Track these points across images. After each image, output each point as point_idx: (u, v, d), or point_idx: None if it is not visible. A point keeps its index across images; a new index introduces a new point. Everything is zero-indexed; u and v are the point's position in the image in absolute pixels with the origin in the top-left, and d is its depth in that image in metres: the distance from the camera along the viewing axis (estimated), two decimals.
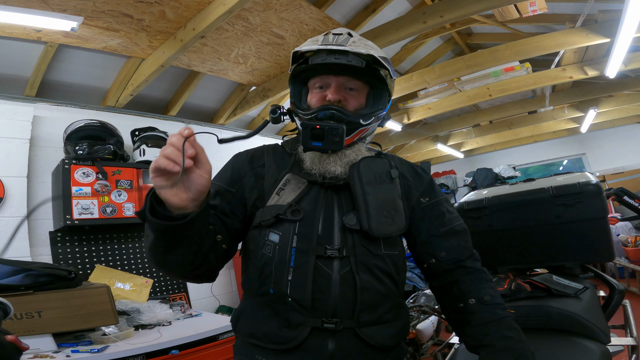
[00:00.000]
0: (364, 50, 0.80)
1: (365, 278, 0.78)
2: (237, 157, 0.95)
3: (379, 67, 0.85)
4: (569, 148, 6.72)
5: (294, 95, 0.92)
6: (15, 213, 2.22)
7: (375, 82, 0.88)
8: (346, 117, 0.82)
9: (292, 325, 0.77)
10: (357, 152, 0.88)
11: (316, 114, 0.83)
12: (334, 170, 0.84)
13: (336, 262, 0.78)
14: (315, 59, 0.84)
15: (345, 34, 0.85)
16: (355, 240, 0.80)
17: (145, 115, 3.03)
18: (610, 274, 4.34)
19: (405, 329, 0.87)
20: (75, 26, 1.94)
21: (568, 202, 1.38)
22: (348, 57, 0.81)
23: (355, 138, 0.87)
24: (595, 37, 2.86)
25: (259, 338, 0.80)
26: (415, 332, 2.57)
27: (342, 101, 0.85)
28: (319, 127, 0.79)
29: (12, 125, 2.28)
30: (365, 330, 0.77)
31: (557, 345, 1.05)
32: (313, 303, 0.76)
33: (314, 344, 0.75)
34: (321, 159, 0.85)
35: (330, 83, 0.85)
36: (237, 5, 1.96)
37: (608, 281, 1.43)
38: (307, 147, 0.82)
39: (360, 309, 0.77)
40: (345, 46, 0.81)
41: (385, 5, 3.22)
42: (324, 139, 0.79)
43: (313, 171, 0.85)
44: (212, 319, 2.33)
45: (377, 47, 0.88)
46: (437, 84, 3.96)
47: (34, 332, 1.61)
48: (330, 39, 0.84)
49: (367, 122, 0.86)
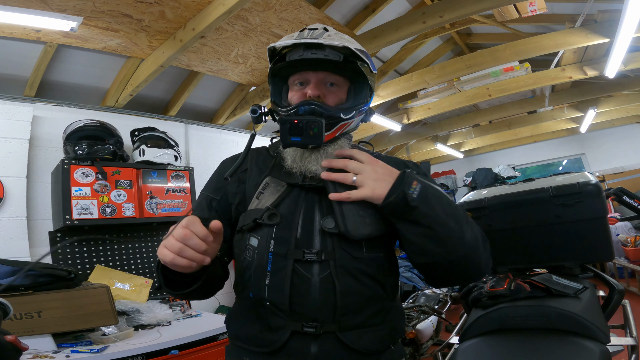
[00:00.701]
0: (338, 43, 0.78)
1: (345, 282, 0.76)
2: (223, 164, 0.95)
3: (357, 60, 0.83)
4: (568, 148, 6.72)
5: (274, 94, 0.90)
6: (14, 213, 2.22)
7: (355, 77, 0.87)
8: (326, 111, 0.81)
9: (273, 329, 0.77)
10: (340, 149, 0.86)
11: (296, 110, 0.82)
12: (315, 169, 0.82)
13: (316, 265, 0.76)
14: (292, 55, 0.82)
15: (321, 28, 0.83)
16: (335, 243, 0.77)
17: (144, 116, 3.03)
18: (610, 273, 4.34)
19: (394, 333, 0.85)
20: (74, 26, 1.94)
21: (567, 202, 1.38)
22: (325, 51, 0.79)
23: (337, 133, 0.85)
24: (594, 37, 2.87)
25: (243, 340, 0.82)
26: (415, 332, 2.58)
27: (322, 97, 0.83)
28: (297, 121, 0.78)
29: (11, 125, 2.28)
30: (348, 335, 0.76)
31: (556, 345, 1.05)
32: (291, 307, 0.75)
33: (297, 347, 0.75)
34: (302, 157, 0.84)
35: (309, 79, 0.84)
36: (236, 5, 1.96)
37: (607, 281, 1.43)
38: (286, 143, 0.80)
39: (341, 313, 0.75)
40: (320, 39, 0.79)
41: (385, 5, 3.23)
42: (303, 133, 0.78)
43: (294, 170, 0.83)
44: (211, 319, 2.33)
45: (355, 41, 0.86)
46: (437, 84, 3.96)
47: (33, 332, 1.61)
48: (305, 34, 0.82)
49: (347, 116, 0.84)
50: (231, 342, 0.87)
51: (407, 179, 0.74)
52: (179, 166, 2.77)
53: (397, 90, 3.77)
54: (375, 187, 0.75)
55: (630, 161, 6.07)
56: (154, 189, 2.60)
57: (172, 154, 2.72)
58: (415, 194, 0.72)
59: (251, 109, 0.88)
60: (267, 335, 0.77)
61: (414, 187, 0.73)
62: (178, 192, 2.71)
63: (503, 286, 1.28)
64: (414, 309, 2.83)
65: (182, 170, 2.77)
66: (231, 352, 0.85)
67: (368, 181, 0.76)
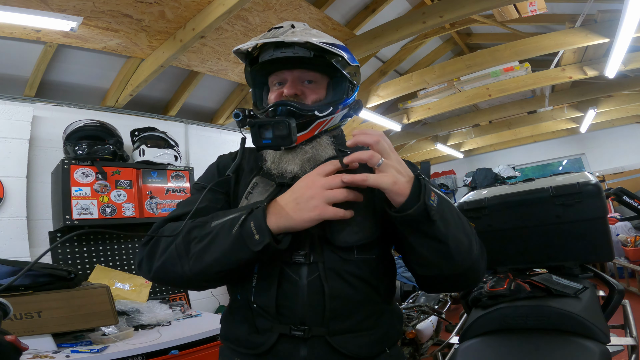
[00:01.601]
0: (298, 39, 0.75)
1: (334, 285, 0.73)
2: (222, 158, 0.93)
3: (327, 54, 0.80)
4: (568, 148, 6.73)
5: (255, 97, 0.89)
6: (14, 213, 2.22)
7: (333, 72, 0.84)
8: (298, 110, 0.78)
9: (260, 331, 0.76)
10: (318, 148, 0.82)
11: (270, 111, 0.80)
12: (290, 169, 0.79)
13: (304, 268, 0.74)
14: (263, 56, 0.81)
15: (287, 26, 0.81)
16: (325, 245, 0.75)
17: (144, 116, 3.03)
18: (610, 273, 4.34)
19: (389, 337, 0.81)
20: (74, 26, 1.94)
21: (567, 202, 1.38)
22: (294, 49, 0.78)
23: (316, 131, 0.82)
24: (594, 37, 2.87)
25: (232, 342, 0.81)
26: (415, 332, 2.57)
27: (299, 95, 0.81)
28: (266, 125, 0.77)
29: (11, 125, 2.28)
30: (337, 339, 0.73)
31: (556, 345, 1.05)
32: (278, 309, 0.74)
33: (285, 350, 0.74)
34: (280, 158, 0.81)
35: (286, 78, 0.83)
36: (236, 5, 1.96)
37: (607, 281, 1.43)
38: (258, 146, 0.79)
39: (330, 317, 0.73)
40: (280, 37, 0.77)
41: (385, 5, 3.23)
42: (273, 135, 0.76)
43: (273, 171, 0.81)
44: (211, 319, 2.33)
45: (325, 34, 0.83)
46: (437, 84, 3.96)
47: (33, 332, 1.61)
48: (270, 33, 0.80)
49: (323, 113, 0.80)
50: (222, 342, 0.86)
51: (427, 189, 0.65)
52: (179, 166, 2.77)
53: (397, 90, 3.77)
54: (397, 179, 0.65)
55: (630, 161, 6.07)
56: (154, 189, 2.60)
57: (172, 154, 2.72)
58: (435, 206, 0.65)
59: (234, 113, 0.85)
60: (255, 337, 0.76)
61: (433, 198, 0.66)
62: (178, 192, 2.71)
63: (503, 286, 1.28)
64: (414, 309, 2.83)
65: (182, 170, 2.77)
66: (223, 352, 0.85)
67: (391, 170, 0.66)
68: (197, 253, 0.71)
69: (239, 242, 0.68)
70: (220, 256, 0.69)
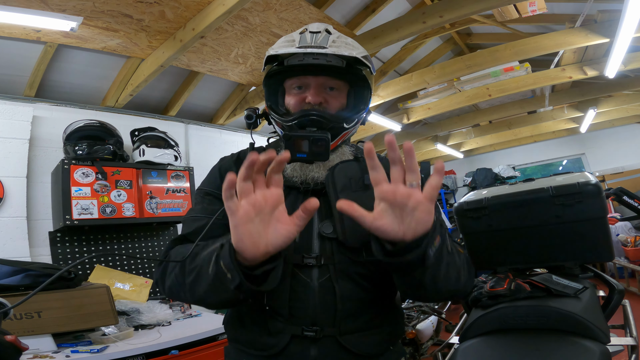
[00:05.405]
0: (347, 52, 0.77)
1: (345, 286, 0.75)
2: (223, 160, 0.93)
3: (360, 66, 0.81)
4: (568, 148, 6.73)
5: (269, 97, 0.87)
6: (14, 213, 2.22)
7: (355, 80, 0.84)
8: (329, 122, 0.78)
9: (272, 333, 0.76)
10: (341, 156, 0.84)
11: (297, 121, 0.78)
12: (317, 176, 0.80)
13: (315, 270, 0.76)
14: (291, 60, 0.79)
15: (323, 31, 0.80)
16: (334, 247, 0.76)
17: (144, 116, 3.03)
18: (610, 273, 4.34)
19: (395, 334, 0.84)
20: (74, 26, 1.94)
21: (567, 202, 1.38)
22: (328, 56, 0.77)
23: (339, 142, 0.84)
24: (594, 37, 2.87)
25: (242, 344, 0.81)
26: (415, 332, 2.57)
27: (322, 103, 0.81)
28: (303, 139, 0.74)
29: (11, 125, 2.28)
30: (348, 338, 0.75)
31: (556, 345, 1.05)
32: (291, 311, 0.75)
33: (296, 350, 0.75)
34: (303, 166, 0.81)
35: (309, 84, 0.81)
36: (236, 5, 1.96)
37: (607, 281, 1.43)
38: (292, 159, 0.76)
39: (341, 317, 0.75)
40: (327, 47, 0.77)
41: (385, 5, 3.23)
42: (309, 149, 0.74)
43: (294, 178, 0.81)
44: (211, 319, 2.33)
45: (359, 45, 0.84)
46: (437, 84, 3.96)
47: (33, 333, 1.61)
48: (308, 38, 0.79)
49: (350, 125, 0.82)
50: (230, 344, 0.86)
51: (434, 233, 0.60)
52: (179, 166, 2.77)
53: (397, 90, 3.77)
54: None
55: (630, 161, 6.07)
56: (154, 189, 2.60)
57: (172, 154, 2.72)
58: (432, 253, 0.60)
59: (246, 114, 0.84)
60: (267, 339, 0.77)
61: (436, 244, 0.61)
62: (178, 192, 2.71)
63: (503, 286, 1.28)
64: (414, 309, 2.83)
65: (182, 170, 2.77)
66: (230, 353, 0.85)
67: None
68: (190, 285, 0.70)
69: (218, 281, 0.63)
70: (209, 291, 0.66)
